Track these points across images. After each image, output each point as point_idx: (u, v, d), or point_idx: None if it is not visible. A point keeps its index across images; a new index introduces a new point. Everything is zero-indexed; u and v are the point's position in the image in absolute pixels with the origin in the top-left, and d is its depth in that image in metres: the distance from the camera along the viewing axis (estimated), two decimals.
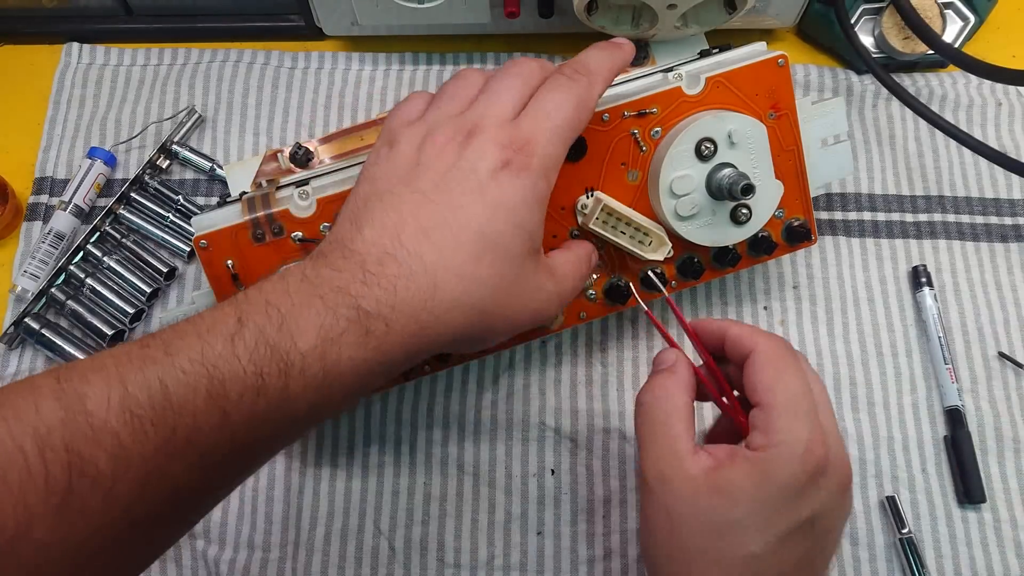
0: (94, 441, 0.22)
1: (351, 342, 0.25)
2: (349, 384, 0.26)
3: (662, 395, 0.31)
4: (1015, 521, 0.40)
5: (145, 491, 0.23)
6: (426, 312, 0.26)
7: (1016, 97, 0.49)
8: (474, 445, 0.41)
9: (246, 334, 0.24)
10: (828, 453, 0.28)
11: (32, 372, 0.43)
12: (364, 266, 0.27)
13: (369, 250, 0.27)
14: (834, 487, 0.28)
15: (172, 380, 0.23)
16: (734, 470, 0.28)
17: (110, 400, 0.22)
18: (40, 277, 0.44)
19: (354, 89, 0.49)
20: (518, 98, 0.30)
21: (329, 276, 0.26)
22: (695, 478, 0.28)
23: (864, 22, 0.48)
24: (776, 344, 0.30)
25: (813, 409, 0.29)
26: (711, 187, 0.36)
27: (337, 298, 0.26)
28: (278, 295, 0.26)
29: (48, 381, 0.23)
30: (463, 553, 0.40)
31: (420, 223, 0.27)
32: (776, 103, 0.37)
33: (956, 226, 0.46)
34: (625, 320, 0.44)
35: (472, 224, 0.27)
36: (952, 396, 0.42)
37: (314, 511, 0.40)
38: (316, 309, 0.25)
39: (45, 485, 0.21)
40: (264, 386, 0.24)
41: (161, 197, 0.46)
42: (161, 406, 0.23)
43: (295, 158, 0.40)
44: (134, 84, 0.49)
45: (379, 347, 0.26)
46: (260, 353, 0.24)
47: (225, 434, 0.24)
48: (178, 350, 0.24)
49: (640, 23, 0.42)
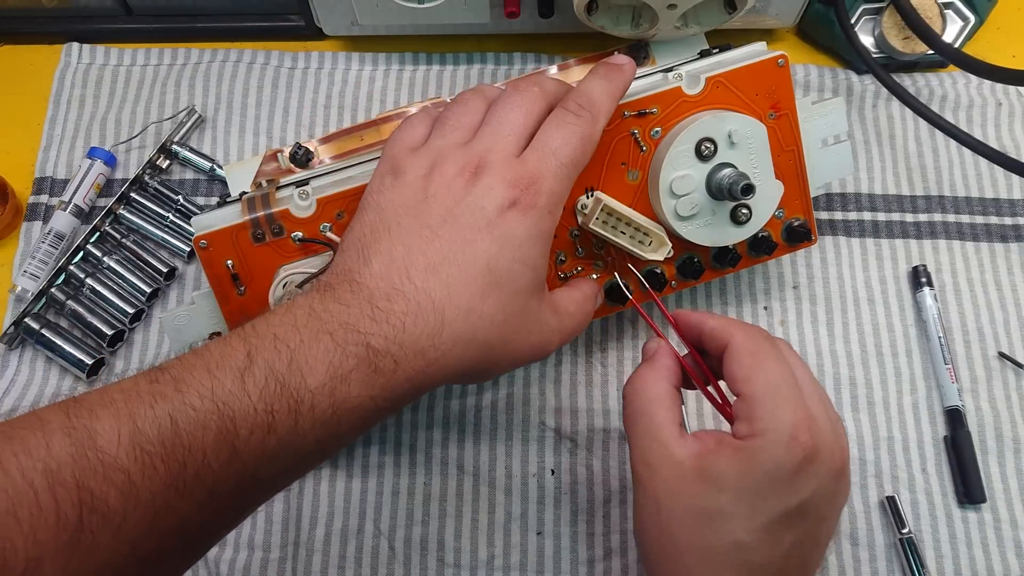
0: (104, 477, 0.22)
1: (360, 379, 0.26)
2: (356, 420, 0.26)
3: (643, 385, 0.31)
4: (1015, 521, 0.40)
5: (154, 527, 0.23)
6: (433, 348, 0.27)
7: (1016, 97, 0.49)
8: (474, 445, 0.41)
9: (256, 370, 0.24)
10: (816, 439, 0.28)
11: (32, 372, 0.43)
12: (373, 301, 0.27)
13: (378, 284, 0.27)
14: (825, 473, 0.28)
15: (182, 417, 0.23)
16: (720, 457, 0.28)
17: (120, 436, 0.22)
18: (40, 277, 0.44)
19: (354, 89, 0.49)
20: (523, 130, 0.30)
21: (337, 311, 0.26)
22: (681, 464, 0.28)
23: (864, 22, 0.48)
24: (751, 333, 0.30)
25: (797, 395, 0.28)
26: (711, 187, 0.36)
27: (346, 335, 0.26)
28: (286, 329, 0.26)
29: (57, 416, 0.23)
30: (463, 553, 0.40)
31: (429, 258, 0.28)
32: (776, 103, 0.37)
33: (956, 226, 0.46)
34: (625, 320, 0.44)
35: (479, 261, 0.28)
36: (952, 396, 0.42)
37: (314, 511, 0.40)
38: (325, 346, 0.25)
39: (56, 521, 0.21)
40: (274, 423, 0.24)
41: (161, 197, 0.46)
42: (171, 443, 0.23)
43: (295, 158, 0.40)
44: (134, 84, 0.49)
45: (387, 384, 0.26)
46: (270, 390, 0.24)
47: (234, 471, 0.24)
48: (188, 386, 0.24)
49: (640, 23, 0.42)
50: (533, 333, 0.30)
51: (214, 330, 0.38)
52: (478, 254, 0.28)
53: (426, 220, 0.28)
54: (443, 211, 0.29)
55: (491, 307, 0.28)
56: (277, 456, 0.25)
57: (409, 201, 0.29)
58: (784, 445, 0.27)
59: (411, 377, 0.27)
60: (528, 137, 0.30)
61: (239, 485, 0.24)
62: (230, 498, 0.24)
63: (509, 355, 0.30)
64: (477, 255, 0.28)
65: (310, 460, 0.27)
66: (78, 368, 0.42)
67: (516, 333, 0.29)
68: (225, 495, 0.24)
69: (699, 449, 0.29)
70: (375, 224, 0.29)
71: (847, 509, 0.40)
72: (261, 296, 0.35)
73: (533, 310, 0.30)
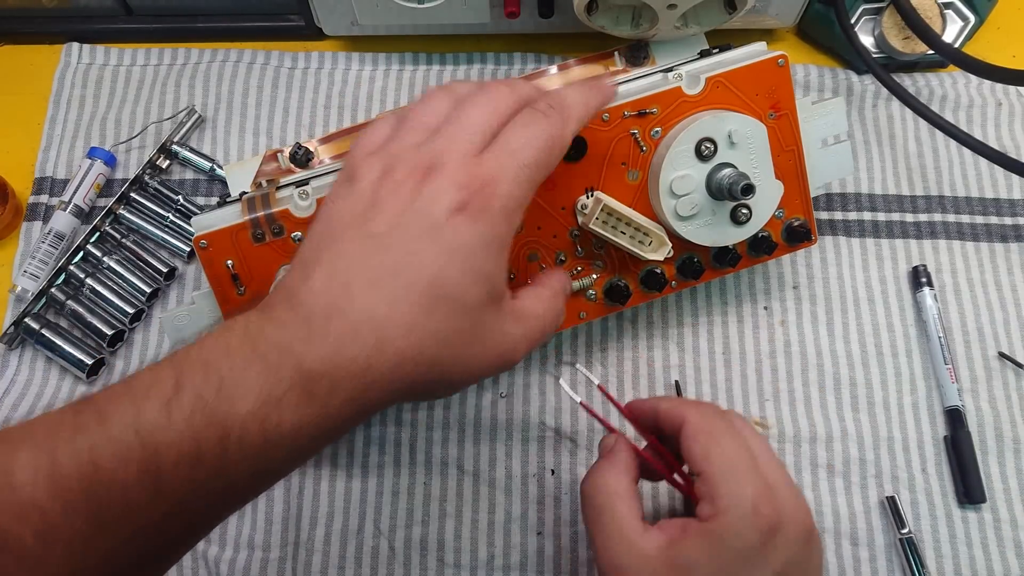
0: (20, 517, 0.21)
1: (293, 404, 0.24)
2: (291, 448, 0.24)
3: (603, 481, 0.31)
4: (1015, 521, 0.40)
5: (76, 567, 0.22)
6: (372, 370, 0.25)
7: (1016, 97, 0.49)
8: (474, 445, 0.41)
9: (183, 398, 0.23)
10: (778, 509, 0.28)
11: (32, 372, 0.43)
12: (310, 321, 0.25)
13: (316, 302, 0.25)
14: (794, 540, 0.28)
15: (103, 450, 0.22)
16: (687, 544, 0.28)
17: (37, 472, 0.21)
18: (40, 277, 0.44)
19: (354, 89, 0.49)
20: (485, 129, 0.28)
21: (271, 333, 0.25)
22: (650, 559, 0.28)
23: (864, 22, 0.48)
24: (703, 412, 0.31)
25: (753, 467, 0.29)
26: (711, 187, 0.36)
27: (280, 358, 0.24)
28: (218, 355, 0.24)
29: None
30: (463, 553, 0.40)
31: (371, 272, 0.26)
32: (776, 103, 0.37)
33: (956, 226, 0.46)
34: (625, 320, 0.44)
35: (424, 273, 0.25)
36: (952, 396, 0.42)
37: (314, 511, 0.40)
38: (256, 371, 0.24)
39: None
40: (201, 454, 0.23)
41: (161, 197, 0.46)
42: (90, 478, 0.21)
43: (295, 158, 0.40)
44: (134, 84, 0.49)
45: (323, 409, 0.24)
46: (196, 420, 0.23)
47: (159, 507, 0.22)
48: (110, 416, 0.22)
49: (640, 23, 0.42)
50: (491, 346, 0.28)
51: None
52: (424, 266, 0.25)
53: (371, 229, 0.26)
54: (389, 218, 0.26)
55: (437, 324, 0.25)
56: (206, 489, 0.23)
57: (357, 209, 0.27)
58: (748, 520, 0.27)
59: (350, 400, 0.25)
60: (491, 135, 0.28)
61: (167, 520, 0.23)
62: (159, 534, 0.23)
63: (463, 371, 0.27)
64: (423, 267, 0.25)
65: (241, 494, 0.25)
66: (78, 368, 0.42)
67: (469, 348, 0.27)
68: (152, 531, 0.23)
69: (665, 540, 0.28)
70: (322, 236, 0.27)
71: (847, 509, 0.40)
72: (261, 296, 0.35)
73: (489, 322, 0.27)
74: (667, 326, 0.44)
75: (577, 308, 0.39)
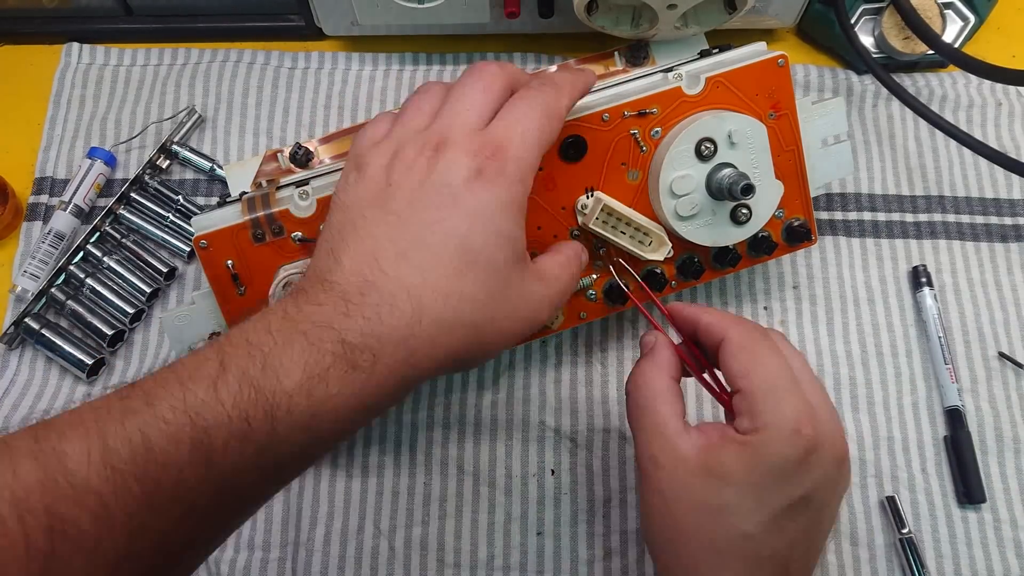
0: (75, 501, 0.21)
1: (338, 377, 0.24)
2: (339, 421, 0.25)
3: (644, 380, 0.31)
4: (1015, 521, 0.40)
5: (131, 549, 0.22)
6: (414, 338, 0.26)
7: (1016, 97, 0.49)
8: (474, 445, 0.41)
9: (229, 378, 0.23)
10: (818, 430, 0.28)
11: (32, 372, 0.43)
12: (346, 297, 0.26)
13: (349, 280, 0.26)
14: (828, 462, 0.28)
15: (154, 431, 0.22)
16: (725, 452, 0.28)
17: (90, 456, 0.21)
18: (40, 277, 0.44)
19: (354, 89, 0.49)
20: (483, 104, 0.29)
21: (310, 312, 0.25)
22: (687, 459, 0.29)
23: (864, 22, 0.48)
24: (746, 328, 0.30)
25: (795, 388, 0.29)
26: (711, 187, 0.36)
27: (320, 333, 0.25)
28: (259, 335, 0.25)
29: (25, 441, 0.22)
30: (463, 553, 0.40)
31: (398, 246, 0.27)
32: (776, 103, 0.37)
33: (956, 226, 0.46)
34: (625, 320, 0.44)
35: (451, 239, 0.27)
36: (952, 396, 0.41)
37: (314, 511, 0.40)
38: (299, 346, 0.24)
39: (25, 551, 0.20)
40: (250, 431, 0.23)
41: (161, 197, 0.46)
42: (143, 459, 0.22)
43: (295, 158, 0.40)
44: (134, 84, 0.49)
45: (368, 380, 0.25)
46: (244, 396, 0.23)
47: (211, 485, 0.23)
48: (159, 399, 0.23)
49: (640, 23, 0.42)
50: (520, 307, 0.29)
51: (214, 330, 0.38)
52: (449, 234, 0.27)
53: (391, 207, 0.27)
54: (407, 195, 0.27)
55: (470, 286, 0.27)
56: (255, 466, 0.24)
57: (372, 193, 0.28)
58: (788, 439, 0.27)
59: (394, 370, 0.25)
60: (490, 112, 0.29)
61: (218, 499, 0.23)
62: (210, 514, 0.24)
63: (498, 333, 0.28)
64: (448, 235, 0.27)
65: (290, 468, 0.26)
66: (78, 368, 0.42)
67: (501, 308, 0.28)
68: (204, 511, 0.23)
69: (703, 443, 0.29)
70: (342, 223, 0.28)
71: (847, 509, 0.40)
72: (261, 296, 0.35)
73: (516, 282, 0.29)
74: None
75: (577, 308, 0.39)
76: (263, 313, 0.26)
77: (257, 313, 0.26)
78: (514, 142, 0.28)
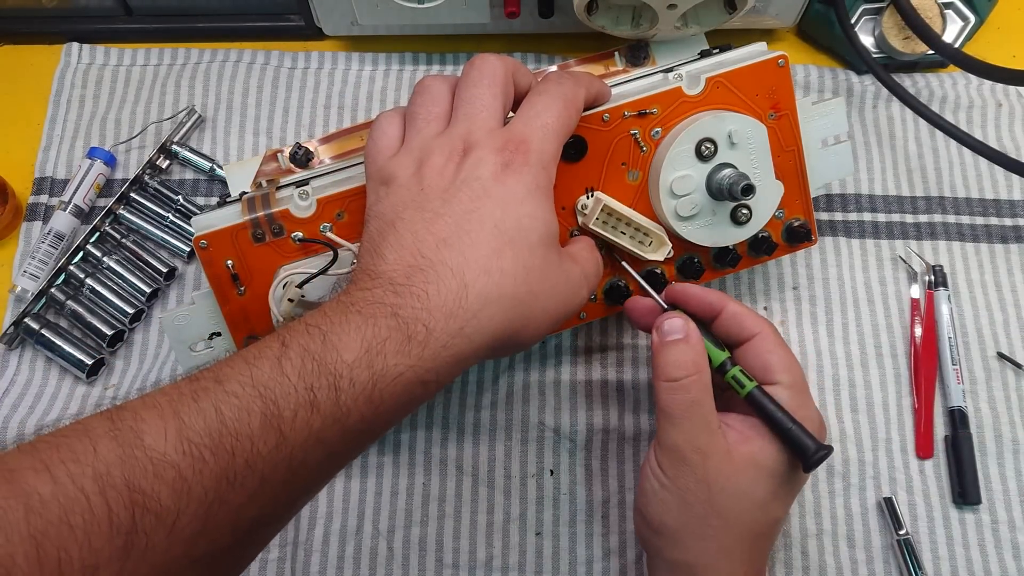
0: (155, 475, 0.22)
1: (395, 349, 0.26)
2: (399, 395, 0.26)
3: (695, 372, 0.33)
4: (1012, 523, 0.40)
5: (207, 523, 0.22)
6: (462, 310, 0.27)
7: (1016, 97, 0.49)
8: (473, 445, 0.41)
9: (291, 354, 0.25)
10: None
11: (32, 372, 0.43)
12: (393, 282, 0.27)
13: (395, 269, 0.28)
14: None
15: (226, 405, 0.23)
16: (765, 446, 0.32)
17: (167, 433, 0.22)
18: (40, 277, 0.44)
19: (354, 89, 0.49)
20: (494, 102, 0.31)
21: (362, 295, 0.27)
22: (729, 452, 0.32)
23: (864, 22, 0.48)
24: (774, 327, 0.34)
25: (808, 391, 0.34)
26: (711, 187, 0.36)
27: (374, 309, 0.26)
28: (317, 317, 0.26)
29: (101, 423, 0.23)
30: (462, 554, 0.40)
31: (437, 236, 0.28)
32: (776, 103, 0.37)
33: (956, 227, 0.46)
34: (625, 320, 0.44)
35: (486, 224, 0.28)
36: (957, 397, 0.41)
37: (313, 511, 0.40)
38: (356, 322, 0.26)
39: (109, 526, 0.21)
40: (316, 401, 0.24)
41: (161, 197, 0.46)
42: (218, 432, 0.23)
43: (295, 158, 0.40)
44: (134, 84, 0.49)
45: (423, 352, 0.26)
46: (308, 369, 0.25)
47: (283, 455, 0.24)
48: (227, 378, 0.24)
49: (640, 23, 0.42)
50: (559, 284, 0.31)
51: (214, 330, 0.38)
52: (484, 219, 0.28)
53: (427, 207, 0.29)
54: (441, 194, 0.29)
55: (510, 263, 0.28)
56: (323, 437, 0.25)
57: (407, 199, 0.30)
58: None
59: (447, 343, 0.27)
60: (502, 107, 0.31)
61: (289, 471, 0.24)
62: (281, 487, 0.24)
63: (541, 310, 0.30)
64: (483, 220, 0.28)
65: (356, 440, 0.27)
66: (78, 368, 0.42)
67: (541, 285, 0.29)
68: (276, 483, 0.24)
69: (738, 436, 0.32)
70: (380, 228, 0.30)
71: (844, 510, 0.40)
72: (261, 296, 0.35)
73: (553, 261, 0.30)
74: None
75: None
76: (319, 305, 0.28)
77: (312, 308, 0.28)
78: (536, 135, 0.30)
